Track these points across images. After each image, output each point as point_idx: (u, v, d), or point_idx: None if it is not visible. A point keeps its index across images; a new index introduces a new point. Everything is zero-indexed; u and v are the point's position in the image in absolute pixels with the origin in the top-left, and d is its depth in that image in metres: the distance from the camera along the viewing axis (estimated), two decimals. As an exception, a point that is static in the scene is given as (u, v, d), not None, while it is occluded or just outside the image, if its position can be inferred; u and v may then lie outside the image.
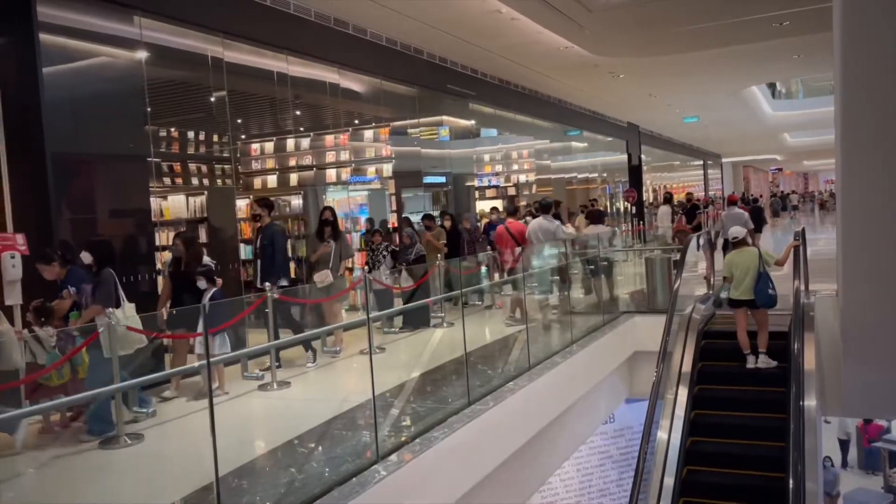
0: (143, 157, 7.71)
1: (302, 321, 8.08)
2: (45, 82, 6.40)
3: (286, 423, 5.86)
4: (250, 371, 7.15)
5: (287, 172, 12.28)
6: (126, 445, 5.25)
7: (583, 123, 21.67)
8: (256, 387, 6.82)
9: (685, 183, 38.94)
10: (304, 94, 10.81)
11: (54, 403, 5.26)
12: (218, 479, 3.65)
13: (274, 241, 7.89)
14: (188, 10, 7.97)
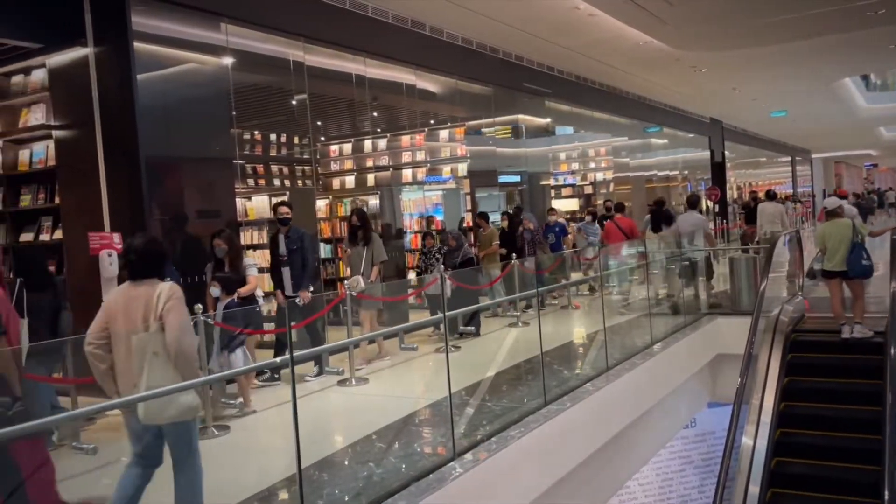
0: (229, 159, 7.99)
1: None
2: (138, 89, 6.72)
3: (364, 418, 5.96)
4: (332, 366, 7.32)
5: (364, 173, 12.51)
6: (214, 436, 5.46)
7: (663, 120, 21.15)
8: (336, 382, 6.97)
9: (771, 180, 37.43)
10: (382, 96, 10.97)
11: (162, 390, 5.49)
12: (300, 471, 3.74)
13: (303, 244, 7.33)
14: (272, 15, 8.22)
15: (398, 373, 7.68)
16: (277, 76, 9.09)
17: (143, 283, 3.71)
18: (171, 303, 3.61)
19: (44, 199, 7.54)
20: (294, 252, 7.28)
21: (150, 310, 3.61)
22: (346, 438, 5.36)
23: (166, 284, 3.74)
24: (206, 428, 5.53)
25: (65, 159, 7.22)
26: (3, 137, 7.69)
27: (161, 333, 3.55)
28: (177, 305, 3.63)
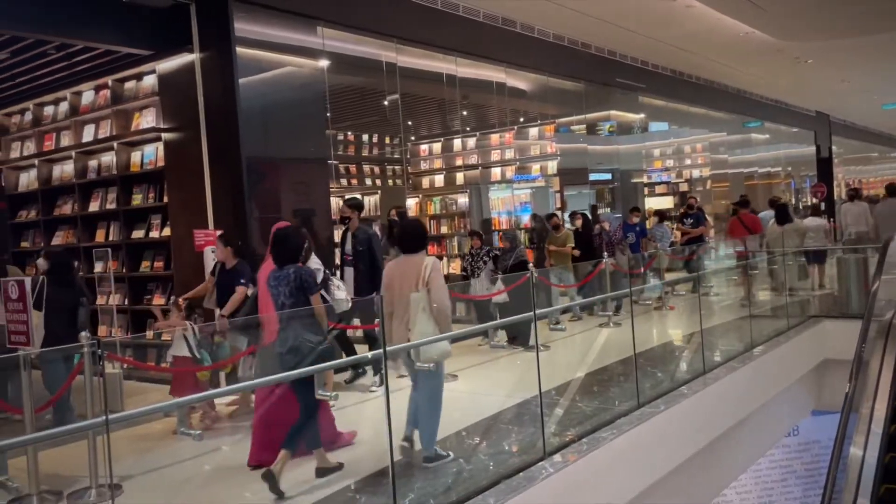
0: (325, 159, 8.22)
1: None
2: (240, 92, 7.01)
3: (453, 414, 5.98)
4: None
5: (453, 171, 12.60)
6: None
7: (764, 114, 20.23)
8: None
9: (883, 176, 35.12)
10: (472, 94, 11.01)
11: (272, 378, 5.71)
12: (393, 464, 3.81)
13: (371, 244, 6.96)
14: (366, 18, 8.39)
15: (487, 371, 7.68)
16: (370, 77, 9.28)
17: (412, 256, 4.73)
18: (434, 273, 4.59)
19: (153, 198, 7.98)
20: (360, 253, 6.94)
21: (419, 276, 4.58)
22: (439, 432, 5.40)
23: (430, 258, 4.71)
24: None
25: (173, 160, 7.62)
26: (118, 140, 8.19)
27: (427, 294, 4.49)
28: (437, 274, 4.62)
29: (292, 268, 4.59)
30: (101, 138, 8.43)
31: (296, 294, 4.53)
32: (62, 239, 9.07)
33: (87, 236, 8.69)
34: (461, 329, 7.79)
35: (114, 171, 8.26)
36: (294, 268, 4.59)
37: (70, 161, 8.85)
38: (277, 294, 4.59)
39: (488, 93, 11.02)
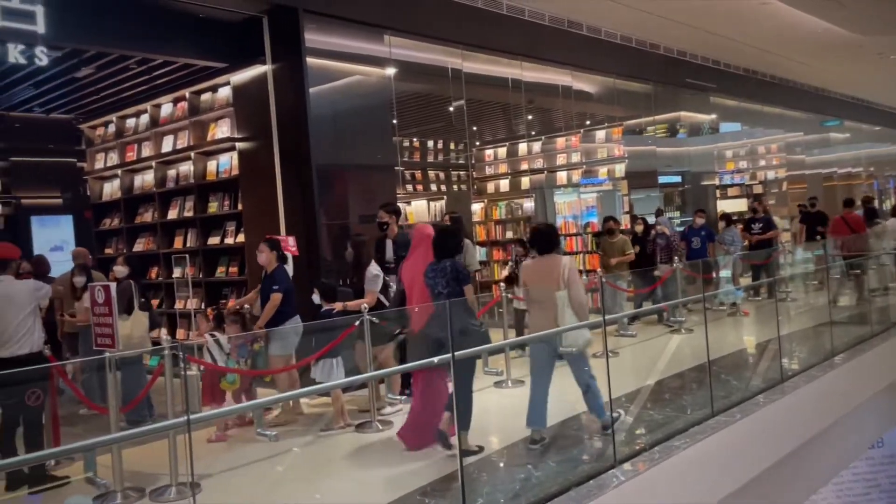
0: (391, 166, 8.32)
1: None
2: (310, 102, 7.17)
3: (521, 420, 5.95)
4: (491, 366, 7.39)
5: (518, 176, 12.55)
6: (378, 431, 5.70)
7: (844, 112, 19.40)
8: (492, 384, 7.03)
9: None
10: (537, 98, 10.96)
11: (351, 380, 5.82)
12: (462, 469, 3.82)
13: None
14: (432, 25, 8.46)
15: (554, 376, 7.61)
16: (436, 84, 9.35)
17: (547, 257, 5.20)
18: (571, 272, 5.06)
19: (228, 205, 8.25)
20: (400, 259, 6.54)
21: (558, 275, 5.02)
22: (503, 440, 5.39)
23: (566, 259, 5.20)
24: (370, 423, 5.79)
25: (246, 169, 7.86)
26: (195, 150, 8.50)
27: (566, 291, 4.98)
28: (574, 274, 5.11)
29: (448, 261, 5.13)
30: (180, 149, 8.77)
31: (451, 284, 5.06)
32: (143, 246, 9.46)
33: (166, 243, 9.04)
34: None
35: (191, 180, 8.58)
36: (450, 261, 5.15)
37: (150, 171, 9.24)
38: (435, 284, 5.12)
39: (554, 96, 10.94)
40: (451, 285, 5.05)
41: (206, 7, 7.03)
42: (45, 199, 11.92)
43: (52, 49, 6.08)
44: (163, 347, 4.20)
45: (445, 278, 5.06)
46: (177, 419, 3.20)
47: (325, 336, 5.85)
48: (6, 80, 8.01)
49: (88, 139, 10.41)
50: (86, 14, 6.35)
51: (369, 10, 7.74)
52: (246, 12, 7.30)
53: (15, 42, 5.54)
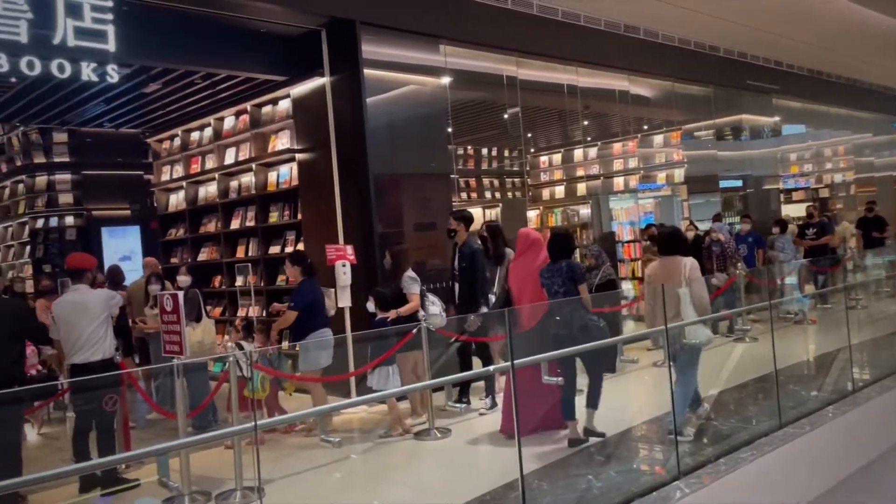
0: (447, 174, 8.36)
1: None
2: (367, 112, 7.27)
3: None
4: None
5: (574, 182, 12.45)
6: (436, 438, 5.72)
7: (916, 112, 18.62)
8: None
9: None
10: (593, 104, 10.86)
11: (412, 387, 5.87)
12: (522, 477, 3.80)
13: (474, 260, 6.59)
14: (487, 34, 8.49)
15: (614, 385, 7.50)
16: (491, 91, 9.36)
17: (671, 258, 5.46)
18: (693, 271, 5.34)
19: (288, 215, 8.42)
20: (464, 269, 6.62)
21: (680, 274, 5.31)
22: (563, 449, 5.33)
23: (689, 259, 5.42)
24: (428, 430, 5.81)
25: (306, 179, 8.01)
26: (256, 161, 8.72)
27: (688, 289, 5.24)
28: (696, 272, 5.38)
29: (565, 262, 5.48)
30: (241, 160, 9.01)
31: (567, 283, 5.41)
32: (207, 255, 9.73)
33: (228, 252, 9.28)
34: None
35: (252, 191, 8.79)
36: (566, 261, 5.50)
37: (214, 182, 9.51)
38: (551, 284, 5.47)
39: (610, 101, 10.83)
40: (566, 284, 5.43)
41: (267, 22, 7.21)
42: (115, 211, 12.43)
43: (121, 66, 6.33)
44: (227, 355, 4.30)
45: (562, 278, 5.43)
46: (244, 425, 3.28)
47: (381, 344, 5.90)
48: (78, 97, 8.38)
49: (155, 152, 10.78)
50: (154, 32, 6.59)
51: (425, 20, 7.82)
52: (305, 26, 7.46)
53: (88, 61, 5.76)
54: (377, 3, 7.45)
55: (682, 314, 5.22)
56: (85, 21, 5.68)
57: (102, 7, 5.74)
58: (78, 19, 5.63)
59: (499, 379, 6.61)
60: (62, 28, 5.57)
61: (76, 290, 5.22)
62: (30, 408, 5.69)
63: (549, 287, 5.50)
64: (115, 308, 5.50)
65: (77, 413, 5.21)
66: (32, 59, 5.48)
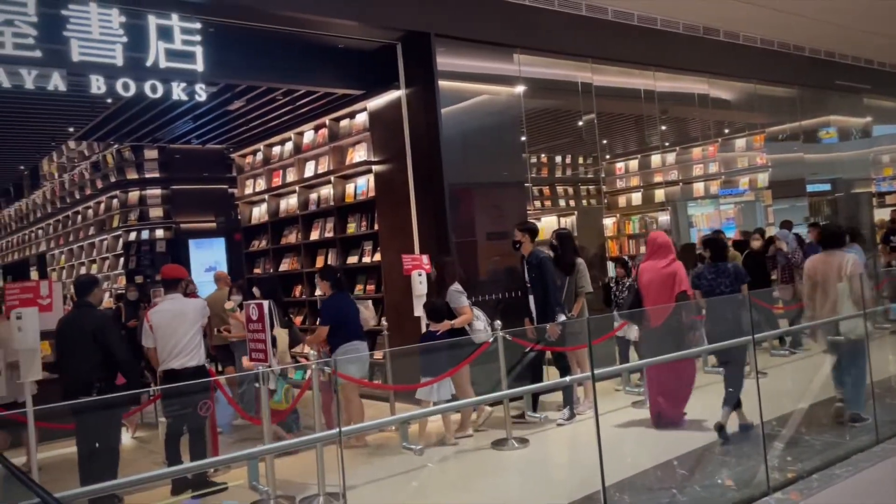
0: (521, 182, 8.34)
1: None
2: (442, 122, 7.35)
3: (663, 442, 5.75)
4: (632, 385, 7.19)
5: (652, 189, 12.18)
6: (514, 448, 5.70)
7: None
8: (630, 403, 6.84)
9: None
10: (671, 108, 10.63)
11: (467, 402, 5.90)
12: (604, 489, 3.74)
13: (542, 269, 6.48)
14: (561, 41, 8.45)
15: (696, 396, 7.29)
16: (565, 99, 9.30)
17: (833, 252, 5.81)
18: (853, 266, 5.61)
19: (366, 226, 8.58)
20: (533, 279, 6.56)
21: (840, 269, 5.63)
22: (644, 461, 5.22)
23: (850, 255, 5.78)
24: (506, 440, 5.79)
25: (382, 190, 8.15)
26: (334, 174, 8.93)
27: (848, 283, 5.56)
28: (857, 267, 5.65)
29: (730, 264, 6.05)
30: (320, 173, 9.25)
31: (734, 283, 5.83)
32: (288, 265, 10.02)
33: (308, 262, 9.53)
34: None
35: (331, 203, 9.01)
36: (732, 263, 6.10)
37: (294, 195, 9.79)
38: (717, 284, 5.89)
39: (689, 105, 10.58)
40: (733, 284, 5.84)
41: (345, 38, 7.40)
42: (201, 224, 12.98)
43: (208, 85, 6.61)
44: (310, 363, 4.42)
45: (729, 278, 5.86)
46: (329, 431, 3.36)
47: (430, 357, 5.97)
48: (168, 116, 8.79)
49: (239, 167, 11.20)
50: (238, 51, 6.88)
51: (499, 30, 7.85)
52: (381, 41, 7.61)
53: (178, 80, 6.07)
54: (452, 15, 7.53)
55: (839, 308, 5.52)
56: (175, 43, 5.98)
57: (191, 29, 6.04)
58: (169, 42, 5.94)
59: (576, 389, 6.54)
60: (154, 50, 5.88)
61: (172, 298, 5.46)
62: (126, 412, 5.96)
63: (715, 287, 5.90)
64: (205, 318, 5.71)
65: (170, 418, 5.44)
66: (127, 80, 5.81)
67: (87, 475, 4.78)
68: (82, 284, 5.41)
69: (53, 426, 5.63)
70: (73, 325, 5.15)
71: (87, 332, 5.09)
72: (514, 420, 6.14)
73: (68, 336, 5.13)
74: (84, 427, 4.94)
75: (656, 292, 5.95)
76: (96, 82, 5.68)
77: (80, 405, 4.78)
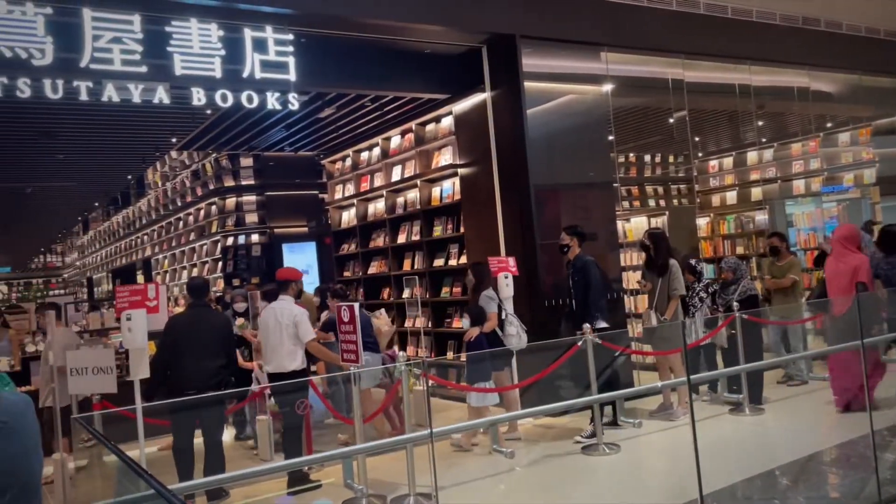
0: (609, 183, 8.19)
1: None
2: (528, 123, 7.31)
3: (763, 451, 5.52)
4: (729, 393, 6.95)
5: (748, 187, 11.70)
6: (605, 454, 5.59)
7: None
8: (727, 410, 6.60)
9: None
10: (768, 103, 10.20)
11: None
12: (702, 497, 3.62)
13: (586, 274, 6.35)
14: (651, 38, 8.25)
15: (798, 402, 6.96)
16: (655, 96, 9.08)
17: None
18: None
19: (451, 228, 8.64)
20: (576, 283, 6.43)
21: None
22: (744, 470, 5.01)
23: None
24: (596, 446, 5.69)
25: (467, 193, 8.19)
26: (420, 178, 9.04)
27: None
28: None
29: None
30: (407, 177, 9.38)
31: None
32: (376, 268, 10.21)
33: (396, 265, 9.68)
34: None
35: (417, 206, 9.12)
36: None
37: (381, 199, 9.97)
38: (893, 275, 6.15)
39: (788, 99, 10.12)
40: None
41: (431, 43, 7.47)
42: (294, 228, 13.41)
43: (300, 94, 6.83)
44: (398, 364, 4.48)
45: None
46: (421, 432, 3.39)
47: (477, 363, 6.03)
48: (263, 125, 9.13)
49: (329, 173, 11.50)
50: (328, 60, 7.07)
51: (585, 29, 7.75)
52: (467, 44, 7.65)
53: (272, 90, 6.29)
54: (537, 16, 7.49)
55: None
56: (269, 55, 6.20)
57: (284, 41, 6.25)
58: (263, 53, 6.16)
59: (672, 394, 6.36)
60: (250, 62, 6.12)
61: (282, 300, 5.64)
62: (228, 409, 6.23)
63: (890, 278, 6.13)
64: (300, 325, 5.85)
65: (281, 415, 5.63)
66: (225, 91, 6.07)
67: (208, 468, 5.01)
68: (198, 286, 5.67)
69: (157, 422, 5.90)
70: (200, 323, 5.35)
71: (216, 331, 5.34)
72: (605, 426, 6.04)
73: (192, 334, 5.28)
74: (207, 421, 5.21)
75: (839, 283, 6.17)
76: (197, 94, 5.96)
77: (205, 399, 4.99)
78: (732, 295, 7.02)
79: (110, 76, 5.58)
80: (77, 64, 5.41)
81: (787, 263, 7.82)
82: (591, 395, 5.73)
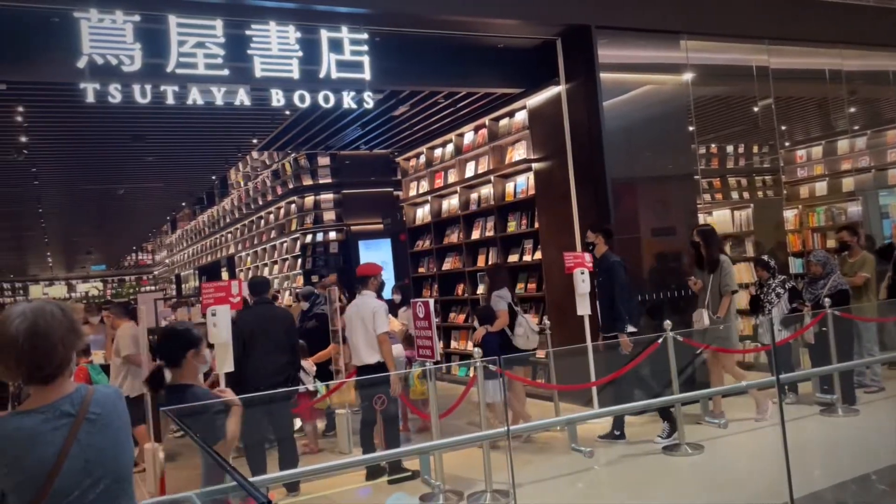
0: (690, 175, 7.94)
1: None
2: (604, 116, 7.16)
3: (858, 453, 5.24)
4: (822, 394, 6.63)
5: (839, 177, 11.15)
6: (687, 454, 5.43)
7: None
8: (818, 411, 6.30)
9: None
10: (861, 88, 9.67)
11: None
12: (793, 500, 3.46)
13: (612, 275, 6.08)
14: (733, 23, 7.95)
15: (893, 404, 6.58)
16: (737, 85, 8.74)
17: None
18: None
19: (525, 224, 8.57)
20: (601, 283, 6.22)
21: None
22: (837, 474, 4.78)
23: None
24: (678, 445, 5.54)
25: (541, 188, 8.10)
26: (494, 173, 9.00)
27: None
28: None
29: None
30: (480, 173, 9.35)
31: None
32: (451, 265, 10.23)
33: (470, 261, 9.68)
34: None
35: (491, 202, 9.09)
36: None
37: (455, 195, 9.98)
38: None
39: (883, 84, 9.58)
40: None
41: (505, 37, 7.43)
42: (370, 225, 13.63)
43: (375, 93, 6.91)
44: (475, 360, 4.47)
45: None
46: (498, 429, 3.37)
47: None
48: (339, 124, 9.28)
49: (403, 170, 11.60)
50: (402, 58, 7.11)
51: (663, 17, 7.52)
52: (541, 37, 7.56)
53: (348, 90, 6.39)
54: (613, 5, 7.33)
55: None
56: (345, 55, 6.30)
57: (359, 40, 6.33)
58: (339, 53, 6.26)
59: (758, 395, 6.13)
60: (326, 62, 6.23)
61: (363, 295, 5.72)
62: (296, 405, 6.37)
63: None
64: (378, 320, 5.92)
65: (362, 408, 5.73)
66: (303, 92, 6.20)
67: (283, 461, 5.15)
68: (260, 283, 5.84)
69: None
70: (266, 320, 5.48)
71: (282, 326, 5.48)
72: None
73: (259, 331, 5.40)
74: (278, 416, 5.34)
75: None
76: (276, 95, 6.11)
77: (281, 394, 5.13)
78: (822, 290, 6.65)
79: (194, 80, 5.78)
80: (164, 69, 5.63)
81: (859, 260, 7.34)
82: (673, 394, 5.57)
